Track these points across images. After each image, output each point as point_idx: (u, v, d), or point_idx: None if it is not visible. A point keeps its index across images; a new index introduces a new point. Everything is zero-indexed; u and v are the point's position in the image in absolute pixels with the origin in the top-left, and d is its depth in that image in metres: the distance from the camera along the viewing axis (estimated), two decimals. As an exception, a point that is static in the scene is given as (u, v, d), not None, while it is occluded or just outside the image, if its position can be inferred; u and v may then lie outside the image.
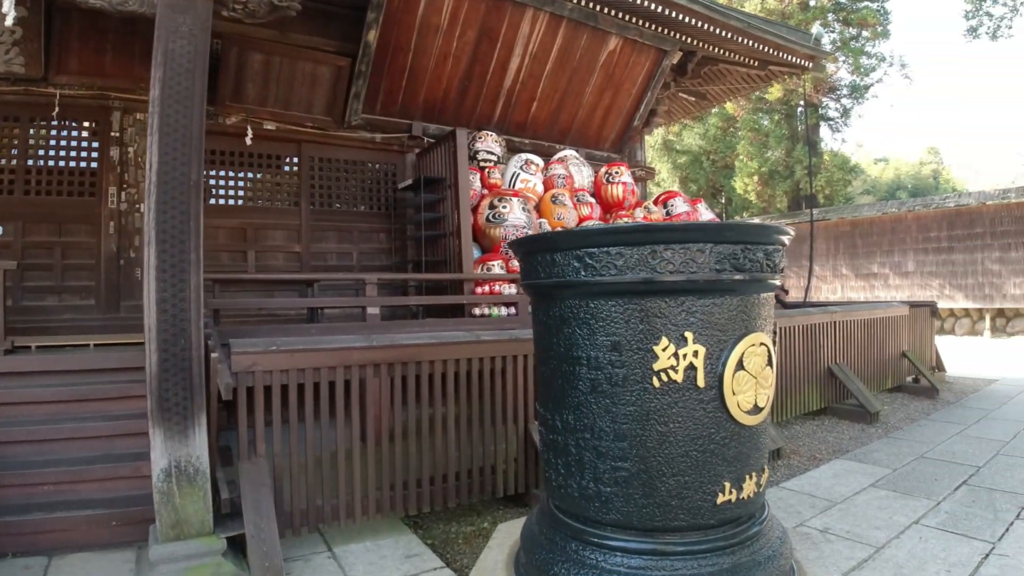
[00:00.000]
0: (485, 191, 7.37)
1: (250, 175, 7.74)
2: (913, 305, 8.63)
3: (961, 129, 79.39)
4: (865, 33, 19.43)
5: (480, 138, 7.74)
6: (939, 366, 9.12)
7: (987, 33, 19.82)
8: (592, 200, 8.16)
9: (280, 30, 7.23)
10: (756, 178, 20.14)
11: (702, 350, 2.03)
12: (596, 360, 2.13)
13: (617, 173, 8.35)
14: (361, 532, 4.02)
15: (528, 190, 7.70)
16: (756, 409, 2.14)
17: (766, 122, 19.81)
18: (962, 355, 12.48)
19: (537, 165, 7.91)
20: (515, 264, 6.86)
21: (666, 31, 8.49)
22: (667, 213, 9.18)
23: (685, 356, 2.02)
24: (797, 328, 6.63)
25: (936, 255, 16.08)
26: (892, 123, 77.47)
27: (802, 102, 19.10)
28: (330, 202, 8.06)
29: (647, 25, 8.32)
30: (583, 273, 2.11)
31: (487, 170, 7.45)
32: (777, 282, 2.29)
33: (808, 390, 6.76)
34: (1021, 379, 9.23)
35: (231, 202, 7.65)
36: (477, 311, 6.49)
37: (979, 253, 15.52)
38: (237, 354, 3.58)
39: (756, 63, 9.72)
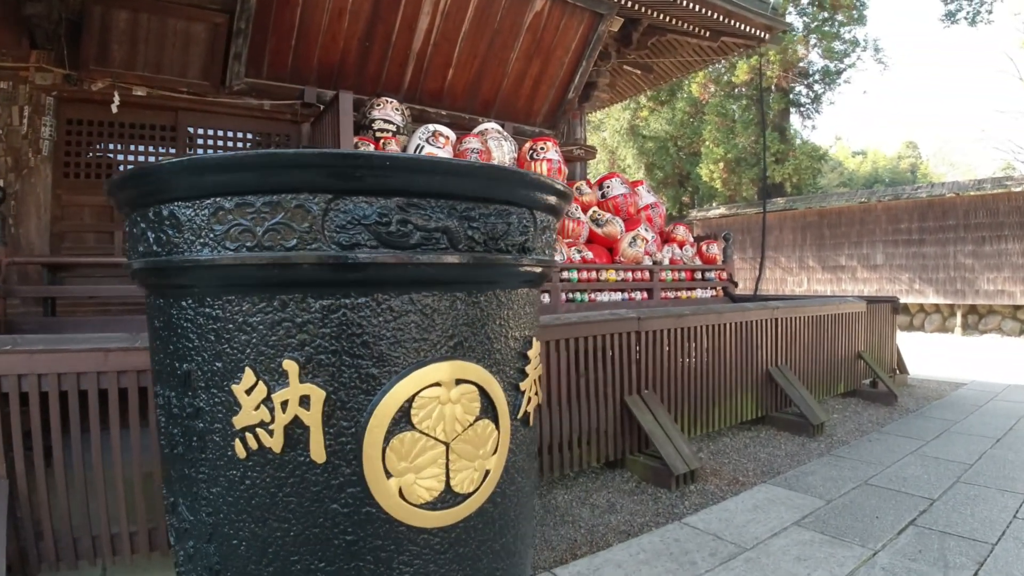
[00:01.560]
0: (381, 166, 6.37)
1: (120, 147, 6.74)
2: (871, 301, 7.73)
3: (940, 120, 79.03)
4: (840, 17, 18.49)
5: (378, 105, 6.73)
6: (901, 367, 8.23)
7: (966, 19, 18.94)
8: (513, 179, 7.19)
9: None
10: (722, 165, 19.05)
11: (318, 395, 1.05)
12: (169, 402, 1.17)
13: (543, 149, 7.36)
14: (148, 570, 3.18)
15: (434, 166, 6.72)
16: (451, 498, 1.17)
17: (735, 107, 18.79)
18: (930, 354, 11.62)
19: (447, 137, 6.90)
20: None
21: (600, -9, 7.51)
22: (602, 196, 8.25)
23: (285, 405, 1.05)
24: (728, 326, 5.69)
25: (906, 247, 15.16)
26: (871, 115, 77.05)
27: (772, 86, 18.16)
28: (212, 178, 7.06)
29: (577, -17, 7.34)
30: (156, 248, 1.14)
31: (383, 141, 6.44)
32: (531, 269, 1.33)
33: (742, 397, 5.84)
34: (992, 383, 8.35)
35: (97, 177, 6.65)
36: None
37: (951, 247, 14.65)
38: (-36, 354, 2.80)
39: (707, 33, 8.75)
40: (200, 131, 6.95)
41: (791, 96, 19.21)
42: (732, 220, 18.47)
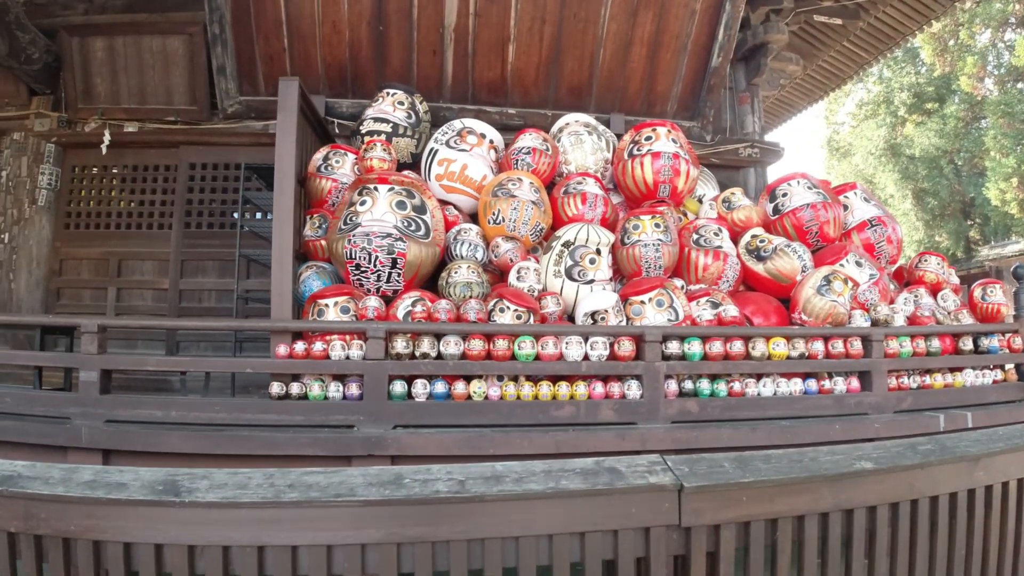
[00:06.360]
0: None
1: (119, 191, 5.40)
2: None
3: None
4: None
5: (376, 100, 4.33)
6: None
7: None
8: (595, 190, 4.18)
9: (128, 10, 5.11)
10: (1016, 181, 12.77)
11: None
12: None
13: (648, 139, 4.27)
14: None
15: (451, 176, 4.05)
16: None
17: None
18: None
19: (481, 136, 4.21)
20: (371, 304, 3.29)
21: None
22: (775, 209, 4.71)
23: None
24: (1001, 490, 2.04)
25: None
26: None
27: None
28: (211, 222, 5.31)
29: None
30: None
31: (365, 148, 3.99)
32: None
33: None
34: None
35: (97, 228, 5.35)
36: (276, 388, 3.02)
37: None
38: None
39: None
40: (200, 166, 5.27)
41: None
42: (1042, 256, 12.47)
